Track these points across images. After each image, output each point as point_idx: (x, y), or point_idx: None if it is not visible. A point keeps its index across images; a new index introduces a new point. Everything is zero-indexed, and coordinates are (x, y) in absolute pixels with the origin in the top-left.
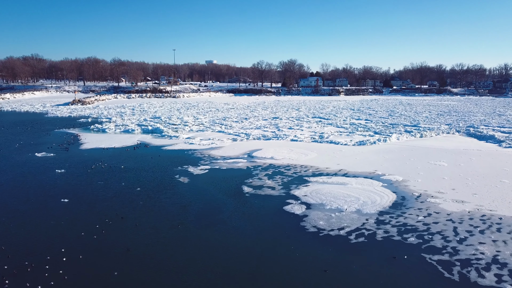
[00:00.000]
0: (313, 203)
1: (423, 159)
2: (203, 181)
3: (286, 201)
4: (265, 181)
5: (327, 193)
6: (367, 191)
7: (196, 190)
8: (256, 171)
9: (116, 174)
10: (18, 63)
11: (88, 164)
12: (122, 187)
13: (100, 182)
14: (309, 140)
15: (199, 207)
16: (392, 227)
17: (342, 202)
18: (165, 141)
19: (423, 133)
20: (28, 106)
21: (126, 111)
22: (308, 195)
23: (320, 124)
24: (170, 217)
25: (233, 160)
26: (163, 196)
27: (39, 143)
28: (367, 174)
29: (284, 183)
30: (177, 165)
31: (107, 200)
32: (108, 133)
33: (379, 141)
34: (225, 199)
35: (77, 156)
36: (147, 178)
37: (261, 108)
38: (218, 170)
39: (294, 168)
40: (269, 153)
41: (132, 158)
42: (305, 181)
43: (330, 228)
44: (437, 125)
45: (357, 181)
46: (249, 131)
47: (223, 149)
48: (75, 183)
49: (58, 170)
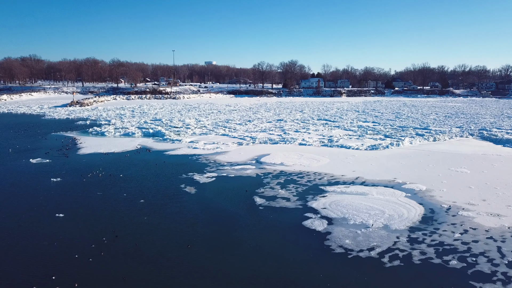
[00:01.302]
0: (334, 217)
1: (442, 165)
2: (211, 191)
3: (304, 215)
4: (278, 191)
5: (348, 205)
6: (391, 203)
7: (205, 202)
8: (267, 179)
9: (117, 183)
10: (15, 63)
11: (86, 172)
12: (123, 199)
13: (99, 193)
14: (318, 144)
15: (210, 224)
16: (428, 246)
17: (366, 216)
18: (168, 145)
19: (436, 137)
20: (25, 108)
21: (125, 113)
22: (328, 207)
23: (327, 127)
24: (177, 236)
25: (241, 167)
26: (168, 211)
27: (34, 148)
28: (386, 183)
29: (299, 193)
30: (182, 172)
31: (105, 215)
32: (108, 136)
33: (392, 145)
34: (237, 213)
35: (75, 162)
36: (150, 189)
37: (264, 109)
38: (226, 178)
39: (307, 175)
40: (278, 159)
41: (133, 165)
42: (321, 191)
43: (359, 249)
44: (447, 128)
45: (377, 191)
46: (254, 134)
47: (229, 154)
48: (72, 195)
49: (53, 178)
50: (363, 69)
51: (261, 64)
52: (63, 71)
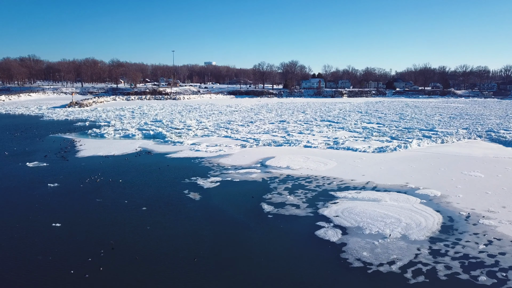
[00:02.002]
0: (348, 227)
1: (454, 168)
2: (216, 197)
3: (316, 224)
4: (287, 197)
5: (361, 213)
6: (406, 210)
7: (210, 210)
8: (274, 183)
9: (117, 189)
10: (14, 64)
11: (85, 176)
12: (123, 206)
13: (98, 199)
14: (324, 147)
15: (216, 234)
16: (453, 260)
17: (382, 225)
18: (169, 147)
19: (443, 139)
20: (23, 109)
21: (125, 114)
22: (340, 215)
23: (331, 128)
24: (183, 249)
25: (246, 171)
26: (172, 220)
27: (31, 151)
28: (399, 188)
29: (308, 200)
30: (185, 176)
31: (105, 224)
32: (107, 138)
33: (400, 148)
34: (245, 222)
35: (73, 166)
36: (152, 195)
37: (265, 110)
38: (231, 182)
39: (315, 180)
40: (284, 162)
41: (134, 169)
42: (331, 197)
43: (378, 262)
44: (454, 129)
45: (390, 197)
46: (257, 136)
47: (232, 157)
48: (69, 202)
49: (50, 184)
50: (363, 70)
51: (261, 65)
52: (62, 71)
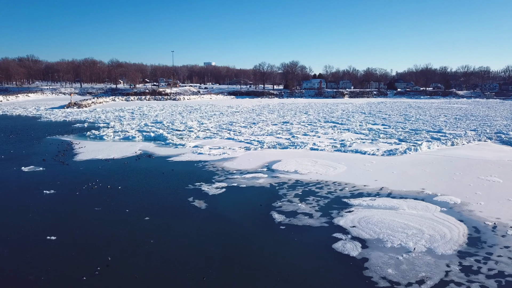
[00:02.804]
0: (368, 239)
1: (470, 173)
2: (222, 206)
3: (332, 236)
4: (298, 205)
5: (380, 223)
6: (427, 220)
7: (217, 220)
8: (282, 190)
9: (117, 197)
10: (13, 64)
11: (83, 182)
12: (124, 216)
13: (97, 208)
14: (330, 149)
15: (226, 249)
16: (488, 278)
17: (403, 237)
18: (170, 150)
19: (453, 141)
20: (20, 110)
21: (125, 114)
22: (357, 225)
23: (336, 130)
24: (189, 265)
25: (252, 175)
26: (177, 231)
27: (27, 154)
28: (415, 194)
29: (321, 208)
30: (188, 182)
31: (104, 237)
32: (106, 140)
33: (410, 151)
34: (255, 234)
35: (71, 171)
36: (154, 203)
37: (267, 111)
38: (237, 188)
39: (326, 185)
40: (291, 166)
41: (135, 174)
42: (345, 205)
43: (406, 281)
44: (461, 131)
45: (408, 205)
46: (261, 138)
47: (237, 161)
48: (66, 211)
49: (46, 191)
50: (364, 70)
51: (262, 65)
52: (61, 71)
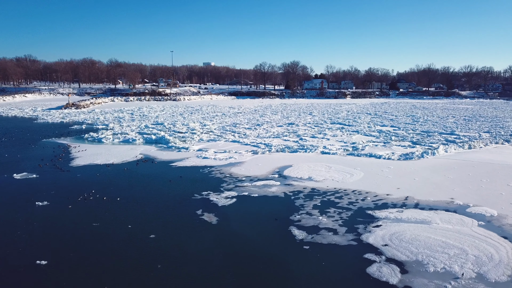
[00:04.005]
0: (405, 261)
1: (497, 179)
2: (234, 219)
3: (364, 257)
4: (318, 218)
5: (414, 240)
6: (466, 236)
7: (230, 238)
8: (298, 200)
9: (117, 209)
10: (10, 64)
11: (80, 192)
12: (126, 233)
13: (95, 223)
14: (343, 153)
15: (244, 274)
16: None
17: (446, 259)
18: (173, 154)
19: (470, 144)
20: (17, 110)
21: (124, 115)
22: (389, 243)
23: (345, 132)
24: None
25: (263, 183)
26: (186, 253)
27: (21, 159)
28: (445, 205)
29: (345, 222)
30: (195, 191)
31: (103, 260)
32: (105, 143)
33: (427, 154)
34: (274, 254)
35: (67, 178)
36: (159, 217)
37: (270, 112)
38: (248, 198)
39: (345, 195)
40: (303, 172)
41: (136, 182)
42: (371, 218)
43: None
44: (475, 133)
45: (441, 218)
46: (268, 141)
47: (245, 166)
48: (60, 227)
49: (39, 202)
50: (366, 70)
51: (263, 65)
52: (60, 72)
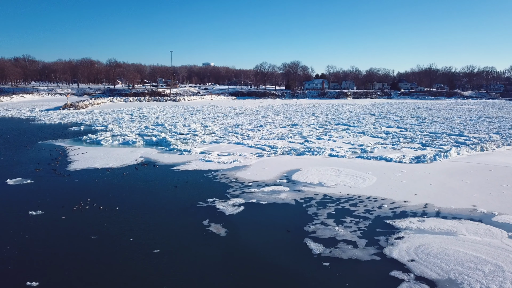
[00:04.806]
0: (437, 279)
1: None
2: (244, 230)
3: (390, 275)
4: (334, 229)
5: (443, 255)
6: (498, 250)
7: (241, 253)
8: (311, 207)
9: (117, 220)
10: (8, 64)
11: (77, 199)
12: (127, 248)
13: (93, 236)
14: (351, 156)
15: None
16: None
17: (481, 277)
18: (175, 157)
19: (482, 146)
20: (14, 111)
21: (124, 116)
22: (416, 258)
23: (351, 133)
24: None
25: (271, 188)
26: (196, 272)
27: (15, 163)
28: (468, 214)
29: (364, 233)
30: (199, 198)
31: (102, 282)
32: (104, 145)
33: (439, 157)
34: (291, 270)
35: (63, 184)
36: (163, 228)
37: (272, 113)
38: (257, 206)
39: (360, 202)
40: (313, 176)
41: (137, 188)
42: (391, 228)
43: None
44: (484, 134)
45: (466, 228)
46: (272, 143)
47: (250, 170)
48: (54, 242)
49: (32, 211)
50: (367, 70)
51: (263, 65)
52: (58, 72)
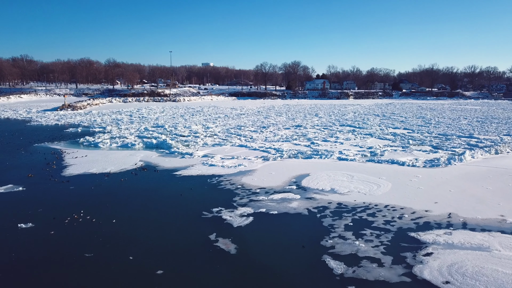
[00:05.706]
0: None
1: None
2: (254, 245)
3: None
4: (355, 244)
5: (480, 275)
6: None
7: (253, 273)
8: (325, 218)
9: (115, 235)
10: (6, 64)
11: (71, 210)
12: (127, 270)
13: (88, 254)
14: (361, 159)
15: None
16: None
17: None
18: (176, 161)
19: (496, 149)
20: (10, 112)
21: (123, 117)
22: (451, 280)
23: (358, 135)
24: None
25: (281, 196)
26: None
27: (8, 167)
28: (497, 225)
29: (387, 248)
30: (204, 207)
31: None
32: (102, 148)
33: (454, 161)
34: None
35: (57, 192)
36: (166, 244)
37: (274, 113)
38: (267, 216)
39: (378, 211)
40: (324, 182)
41: (137, 197)
42: (416, 242)
43: None
44: (494, 136)
45: (499, 242)
46: (277, 145)
47: (257, 175)
48: (44, 262)
49: (22, 224)
50: (368, 70)
51: (264, 65)
52: (57, 72)
